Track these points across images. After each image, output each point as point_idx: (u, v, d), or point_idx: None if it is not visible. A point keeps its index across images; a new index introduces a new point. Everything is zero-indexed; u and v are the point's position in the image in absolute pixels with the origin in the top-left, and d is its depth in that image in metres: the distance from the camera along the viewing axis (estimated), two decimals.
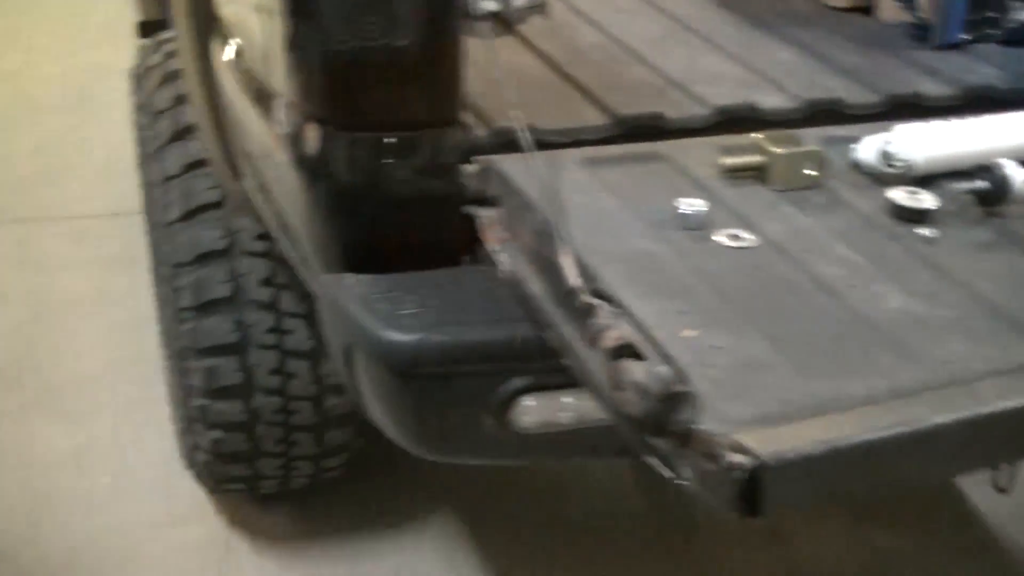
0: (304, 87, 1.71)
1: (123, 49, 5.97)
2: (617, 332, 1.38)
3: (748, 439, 1.20)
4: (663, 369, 1.31)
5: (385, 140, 1.68)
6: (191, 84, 2.43)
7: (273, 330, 2.62)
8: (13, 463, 3.34)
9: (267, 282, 2.59)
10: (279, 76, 1.80)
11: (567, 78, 2.03)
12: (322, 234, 1.77)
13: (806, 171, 1.72)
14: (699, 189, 1.70)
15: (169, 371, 3.23)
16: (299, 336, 2.63)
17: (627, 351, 1.36)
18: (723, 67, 2.11)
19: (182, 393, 2.81)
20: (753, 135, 1.76)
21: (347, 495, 3.16)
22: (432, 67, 1.65)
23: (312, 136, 1.71)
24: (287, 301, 2.60)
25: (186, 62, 2.44)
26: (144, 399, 3.55)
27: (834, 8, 2.39)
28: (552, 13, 2.30)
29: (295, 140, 1.75)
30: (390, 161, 1.69)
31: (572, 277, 1.45)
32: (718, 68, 2.10)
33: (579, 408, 1.69)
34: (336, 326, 1.73)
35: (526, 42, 2.13)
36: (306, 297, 2.60)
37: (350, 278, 1.71)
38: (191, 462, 2.99)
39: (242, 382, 2.64)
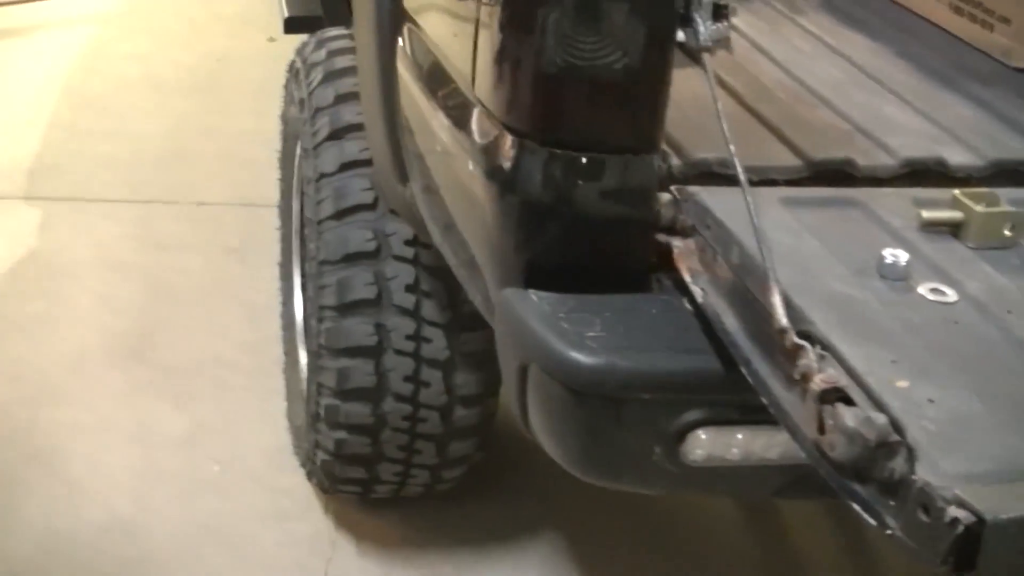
0: (508, 100, 1.71)
1: (250, 41, 6.12)
2: (826, 375, 1.37)
3: (969, 495, 1.19)
4: (879, 416, 1.29)
5: (585, 160, 1.67)
6: (366, 83, 2.44)
7: (412, 337, 2.62)
8: (121, 442, 3.37)
9: (411, 288, 2.60)
10: (479, 86, 1.80)
11: (753, 113, 2.02)
12: (504, 247, 1.77)
13: (1006, 231, 1.70)
14: (895, 239, 1.68)
15: (292, 367, 3.26)
16: (436, 345, 2.64)
17: (836, 395, 1.35)
18: (906, 118, 2.09)
19: (310, 391, 2.82)
20: (955, 191, 1.74)
21: (456, 506, 3.16)
22: (642, 92, 1.65)
23: (509, 149, 1.71)
24: (428, 309, 2.61)
25: (364, 60, 2.45)
26: (257, 390, 3.58)
27: (1016, 69, 2.36)
28: (734, 48, 2.30)
29: (489, 151, 1.75)
30: (587, 181, 1.68)
31: (781, 316, 1.44)
32: (901, 118, 2.09)
33: (748, 446, 1.68)
34: (514, 341, 1.73)
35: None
36: (448, 307, 2.61)
37: (534, 294, 1.71)
38: (307, 460, 3.01)
39: (374, 386, 2.66)
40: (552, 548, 3.13)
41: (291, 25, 3.94)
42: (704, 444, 1.67)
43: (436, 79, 2.06)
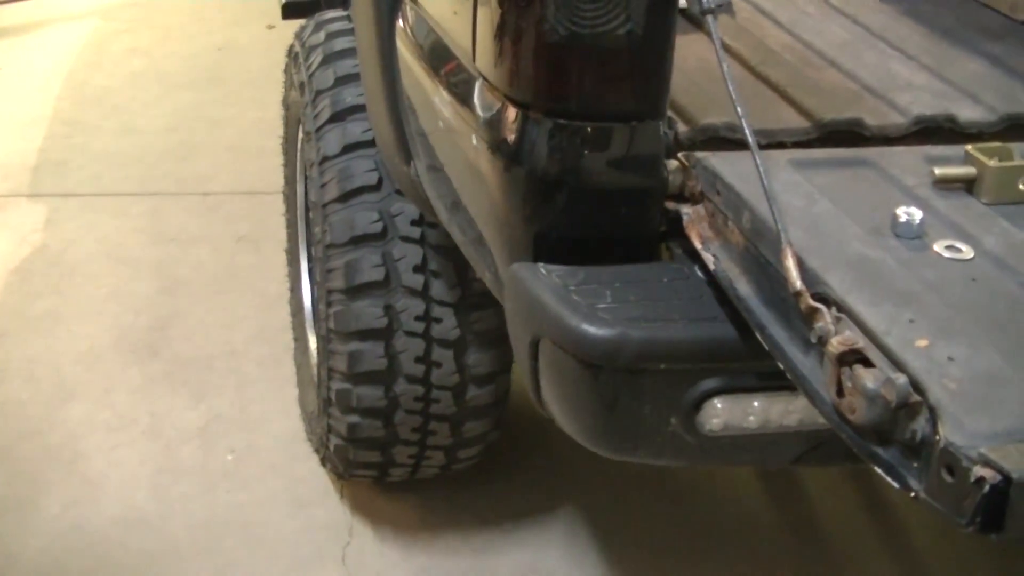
0: (511, 72, 1.68)
1: (250, 30, 6.11)
2: (843, 337, 1.34)
3: (994, 454, 1.16)
4: (899, 377, 1.27)
5: (590, 129, 1.65)
6: (367, 63, 2.42)
7: (421, 318, 2.60)
8: (137, 435, 3.37)
9: (419, 268, 2.57)
10: (480, 59, 1.78)
11: (760, 78, 2.00)
12: (512, 221, 1.75)
13: (1020, 185, 1.67)
14: (909, 197, 1.65)
15: (302, 353, 3.24)
16: (446, 325, 2.62)
17: (854, 357, 1.32)
18: (916, 76, 2.06)
19: (321, 376, 2.80)
20: (967, 146, 1.70)
21: (473, 488, 3.15)
22: (646, 58, 1.62)
23: (513, 121, 1.68)
24: (437, 288, 2.59)
25: (364, 40, 2.43)
26: (270, 379, 3.59)
27: (1023, 22, 2.33)
28: (737, 12, 2.28)
29: (494, 124, 1.72)
30: (593, 151, 1.66)
31: (795, 279, 1.42)
32: (911, 76, 2.05)
33: (766, 413, 1.66)
34: (525, 316, 1.70)
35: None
36: (457, 286, 2.59)
37: (543, 267, 1.68)
38: (321, 446, 2.99)
39: (386, 368, 2.64)
40: (572, 526, 3.12)
41: (289, 10, 3.90)
42: (721, 413, 1.64)
43: (436, 55, 2.04)
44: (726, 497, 3.23)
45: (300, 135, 2.93)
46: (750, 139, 1.56)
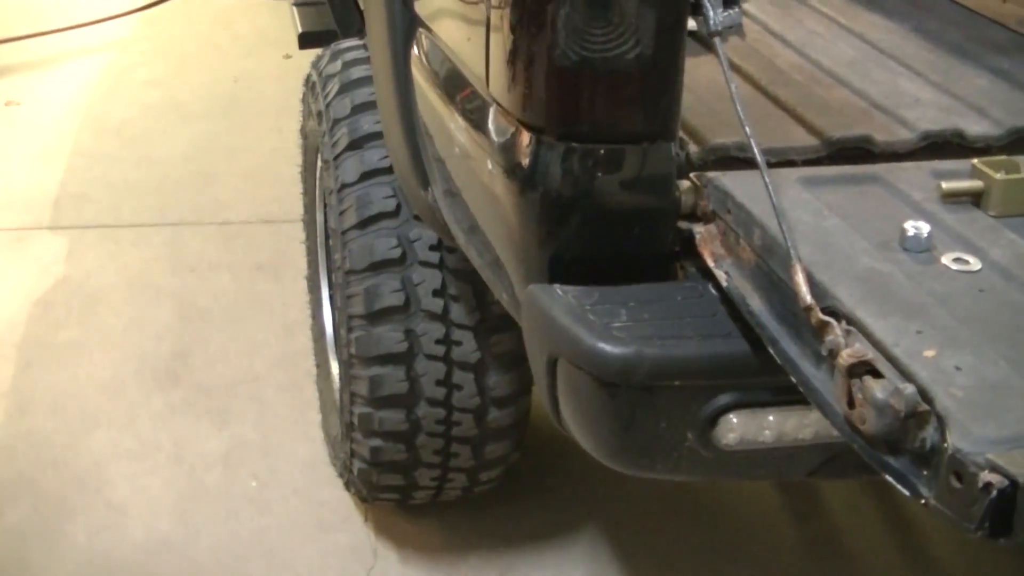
0: (523, 96, 1.71)
1: (266, 59, 6.16)
2: (853, 350, 1.37)
3: (1001, 460, 1.19)
4: (906, 387, 1.29)
5: (603, 151, 1.68)
6: (383, 90, 2.46)
7: (442, 341, 2.63)
8: (161, 462, 3.40)
9: (439, 292, 2.61)
10: (493, 85, 1.81)
11: (769, 97, 2.03)
12: (527, 244, 1.78)
13: None
14: (918, 212, 1.68)
15: (324, 379, 3.27)
16: (466, 348, 2.65)
17: (864, 369, 1.35)
18: (924, 92, 2.09)
19: (343, 400, 2.83)
20: (974, 160, 1.73)
21: (496, 510, 3.17)
22: (656, 80, 1.65)
23: (527, 145, 1.72)
24: (457, 312, 2.62)
25: (379, 68, 2.47)
26: (292, 404, 3.62)
27: None
28: (747, 33, 2.31)
29: (508, 149, 1.76)
30: (606, 173, 1.69)
31: (805, 294, 1.44)
32: (919, 93, 2.08)
33: (781, 426, 1.68)
34: (542, 336, 1.73)
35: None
36: (476, 309, 2.62)
37: (559, 288, 1.71)
38: (344, 470, 3.02)
39: (407, 392, 2.67)
40: (594, 545, 3.14)
41: (306, 40, 3.97)
42: (736, 428, 1.67)
43: (451, 82, 2.07)
44: (748, 513, 3.25)
45: (319, 163, 2.96)
46: (759, 158, 1.59)
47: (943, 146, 1.92)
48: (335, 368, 3.10)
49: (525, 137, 1.72)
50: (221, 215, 4.73)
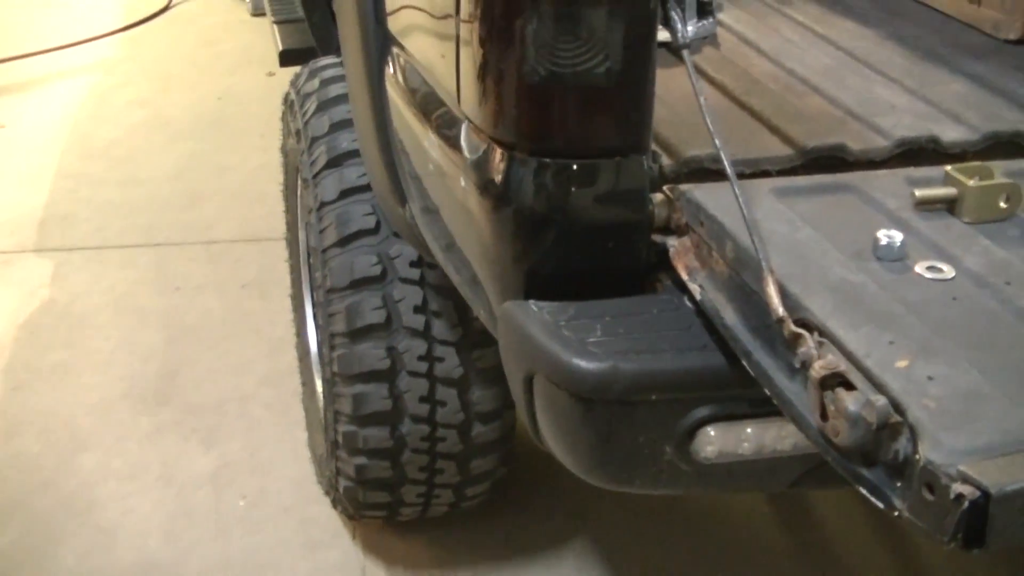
0: (494, 113, 1.71)
1: (250, 77, 6.16)
2: (825, 361, 1.36)
3: (972, 470, 1.18)
4: (878, 399, 1.29)
5: (575, 166, 1.67)
6: (359, 109, 2.45)
7: (424, 357, 2.63)
8: (150, 482, 3.39)
9: (420, 309, 2.60)
10: (465, 101, 1.81)
11: (743, 106, 2.02)
12: (503, 260, 1.77)
13: (1001, 203, 1.69)
14: (891, 220, 1.67)
15: (309, 397, 3.27)
16: (449, 363, 2.64)
17: (836, 380, 1.35)
18: (899, 99, 2.08)
19: (328, 419, 2.82)
20: (947, 167, 1.73)
21: (484, 524, 3.17)
22: (627, 94, 1.64)
23: (499, 162, 1.71)
24: (439, 328, 2.61)
25: (355, 87, 2.46)
26: (279, 423, 3.61)
27: (1007, 41, 2.35)
28: (722, 43, 2.31)
29: (480, 165, 1.75)
30: (579, 188, 1.68)
31: (777, 306, 1.44)
32: (894, 99, 2.07)
33: (759, 439, 1.68)
34: (518, 352, 1.73)
35: (699, 71, 2.12)
36: (458, 325, 2.61)
37: (534, 304, 1.71)
38: (330, 487, 3.01)
39: (391, 409, 2.66)
40: (583, 559, 3.13)
41: (287, 58, 3.97)
42: (714, 440, 1.66)
43: (424, 99, 2.07)
44: (739, 524, 3.24)
45: (299, 181, 2.96)
46: (729, 170, 1.59)
47: (919, 153, 1.91)
48: (320, 386, 3.10)
49: (497, 153, 1.71)
50: (207, 234, 4.73)
